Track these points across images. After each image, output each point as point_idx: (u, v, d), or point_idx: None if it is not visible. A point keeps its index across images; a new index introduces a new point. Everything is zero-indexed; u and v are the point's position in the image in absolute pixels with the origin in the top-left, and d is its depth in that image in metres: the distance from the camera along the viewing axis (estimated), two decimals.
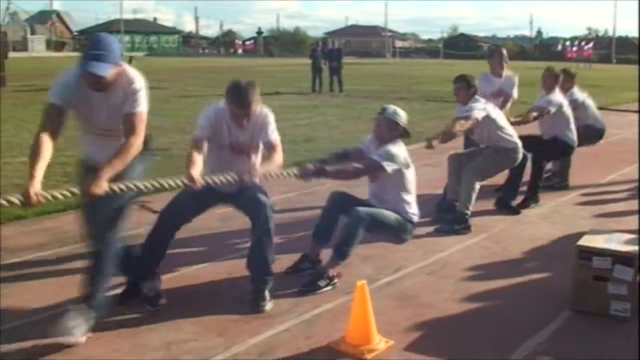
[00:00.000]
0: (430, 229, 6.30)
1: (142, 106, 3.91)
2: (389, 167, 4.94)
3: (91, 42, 3.75)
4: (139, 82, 3.93)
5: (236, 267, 4.99)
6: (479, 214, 6.72)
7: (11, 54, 29.53)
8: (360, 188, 5.31)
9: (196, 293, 4.74)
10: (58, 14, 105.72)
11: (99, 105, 3.89)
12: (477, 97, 6.49)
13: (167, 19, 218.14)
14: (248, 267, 4.56)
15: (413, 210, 5.12)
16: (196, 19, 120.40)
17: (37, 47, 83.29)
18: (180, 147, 10.59)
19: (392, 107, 5.19)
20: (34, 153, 3.65)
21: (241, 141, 4.60)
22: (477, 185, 6.40)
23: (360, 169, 5.07)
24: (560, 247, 5.82)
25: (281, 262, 4.95)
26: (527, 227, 6.50)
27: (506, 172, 7.04)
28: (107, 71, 3.72)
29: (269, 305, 4.41)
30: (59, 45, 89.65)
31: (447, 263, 5.43)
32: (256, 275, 4.50)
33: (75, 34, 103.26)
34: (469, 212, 6.34)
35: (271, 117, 4.65)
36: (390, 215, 4.96)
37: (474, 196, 6.38)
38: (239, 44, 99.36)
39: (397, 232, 5.03)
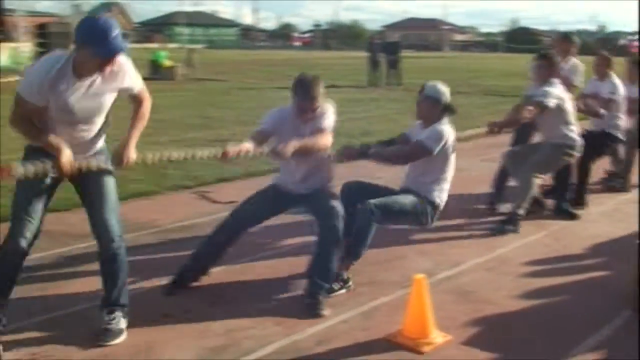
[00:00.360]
0: (487, 225, 6.24)
1: (140, 80, 3.90)
2: (436, 147, 4.77)
3: (103, 25, 3.49)
4: (126, 59, 3.76)
5: (298, 264, 4.98)
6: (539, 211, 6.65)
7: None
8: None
9: (256, 285, 4.81)
10: (119, 6, 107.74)
11: (81, 93, 3.63)
12: (555, 80, 6.15)
13: (226, 11, 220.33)
14: (308, 272, 4.50)
15: (443, 195, 4.94)
16: (255, 11, 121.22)
17: None
18: (239, 139, 10.67)
19: (431, 84, 5.00)
20: (30, 128, 3.59)
21: (304, 136, 4.54)
22: (535, 185, 6.15)
23: (406, 153, 4.95)
24: (621, 245, 5.72)
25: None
26: (589, 225, 6.40)
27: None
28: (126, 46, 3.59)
29: (326, 311, 4.29)
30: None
31: (506, 259, 5.39)
32: (315, 282, 4.41)
33: (137, 25, 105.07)
34: (522, 213, 6.11)
35: (331, 109, 4.62)
36: (404, 201, 4.78)
37: (531, 196, 6.15)
38: (296, 36, 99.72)
39: (415, 216, 4.83)
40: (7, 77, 23.52)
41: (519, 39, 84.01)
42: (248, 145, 4.33)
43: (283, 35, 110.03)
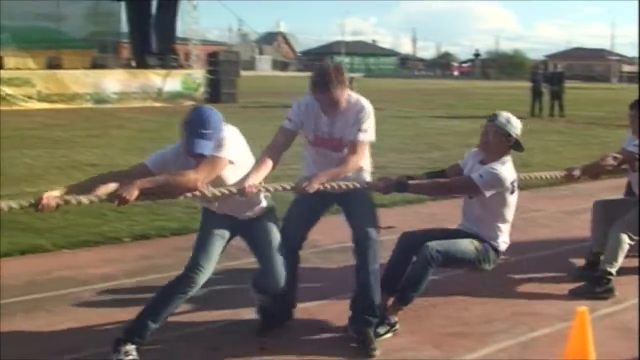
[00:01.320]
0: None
1: (221, 155, 3.90)
2: (488, 191, 4.33)
3: (197, 122, 3.83)
4: (228, 133, 4.05)
5: (456, 284, 5.07)
6: None
7: (241, 73, 32.14)
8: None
9: (415, 305, 4.89)
10: (284, 36, 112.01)
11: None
12: None
13: (385, 41, 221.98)
14: (351, 307, 4.32)
15: (504, 238, 4.56)
16: (414, 40, 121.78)
17: (263, 66, 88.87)
18: (395, 166, 10.93)
19: (504, 114, 4.51)
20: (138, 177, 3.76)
21: (328, 134, 4.20)
22: (627, 244, 5.38)
23: (449, 186, 4.58)
24: None
25: None
26: None
27: None
28: (210, 149, 3.82)
29: (378, 350, 4.10)
30: (283, 65, 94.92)
31: None
32: (359, 317, 4.22)
33: (299, 54, 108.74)
34: (613, 273, 5.30)
35: (368, 114, 4.17)
36: (468, 246, 4.42)
37: (622, 255, 5.39)
38: (455, 65, 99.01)
39: (476, 263, 4.47)
40: (180, 102, 25.18)
41: None
42: (259, 183, 4.00)
43: (442, 64, 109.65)
